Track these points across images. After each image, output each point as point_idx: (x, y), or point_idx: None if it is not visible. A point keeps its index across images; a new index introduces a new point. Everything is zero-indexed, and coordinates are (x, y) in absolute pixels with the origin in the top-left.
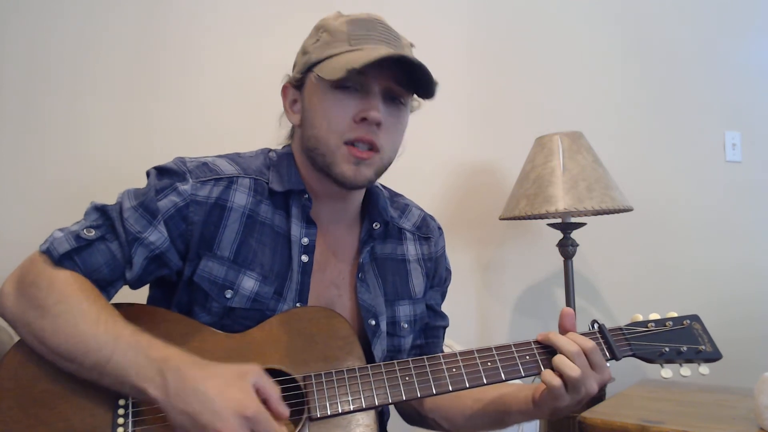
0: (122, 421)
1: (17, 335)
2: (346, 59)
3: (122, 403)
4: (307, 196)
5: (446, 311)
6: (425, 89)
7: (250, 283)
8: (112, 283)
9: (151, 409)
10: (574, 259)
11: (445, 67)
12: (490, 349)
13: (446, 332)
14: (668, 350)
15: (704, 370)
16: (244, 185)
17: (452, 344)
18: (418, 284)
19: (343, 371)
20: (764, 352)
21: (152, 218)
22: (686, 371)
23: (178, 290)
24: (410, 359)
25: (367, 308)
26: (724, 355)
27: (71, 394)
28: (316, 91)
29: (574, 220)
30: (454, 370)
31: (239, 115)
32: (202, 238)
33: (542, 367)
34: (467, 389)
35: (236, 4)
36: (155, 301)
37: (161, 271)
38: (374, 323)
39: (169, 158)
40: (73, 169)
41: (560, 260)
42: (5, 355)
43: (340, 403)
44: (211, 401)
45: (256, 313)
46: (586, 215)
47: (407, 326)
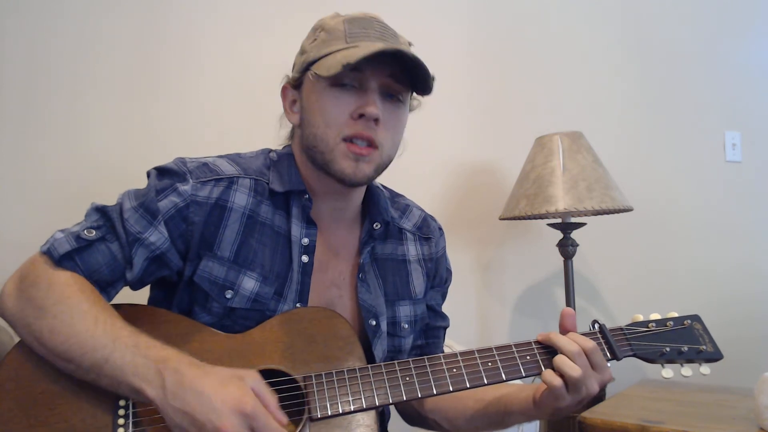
0: (122, 421)
1: (18, 336)
2: (342, 55)
3: (122, 403)
4: (307, 196)
5: (446, 311)
6: (423, 85)
7: (250, 283)
8: (112, 283)
9: (151, 410)
10: (574, 259)
11: (445, 67)
12: (490, 349)
13: (446, 332)
14: (669, 350)
15: (705, 370)
16: (244, 186)
17: (452, 344)
18: (418, 284)
19: (343, 371)
20: (764, 352)
21: (153, 219)
22: (687, 371)
23: (178, 291)
24: (411, 359)
25: (367, 308)
26: (724, 355)
27: (71, 394)
28: (313, 89)
29: (574, 220)
30: (454, 370)
31: (239, 115)
32: (202, 238)
33: (543, 367)
34: (468, 389)
35: (236, 4)
36: (156, 302)
37: (162, 271)
38: (375, 323)
39: (169, 158)
40: (73, 169)
41: (560, 260)
42: (6, 355)
43: (340, 403)
44: (208, 399)
45: (256, 313)
46: (586, 215)
47: (408, 326)
